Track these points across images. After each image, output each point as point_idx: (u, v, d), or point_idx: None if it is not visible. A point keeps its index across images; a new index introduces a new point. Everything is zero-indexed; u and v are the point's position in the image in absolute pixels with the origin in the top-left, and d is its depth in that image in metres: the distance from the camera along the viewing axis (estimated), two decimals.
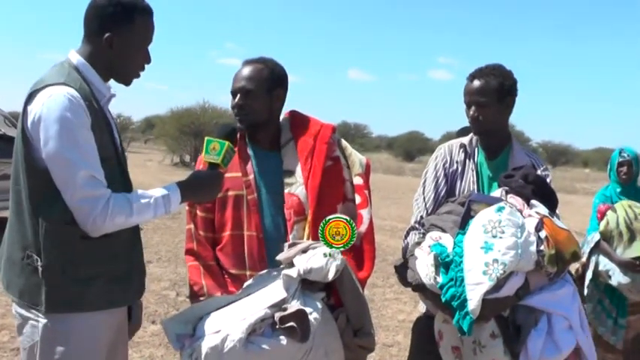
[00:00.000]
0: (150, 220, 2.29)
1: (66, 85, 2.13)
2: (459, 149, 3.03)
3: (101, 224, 2.11)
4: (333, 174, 2.68)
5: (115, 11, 2.23)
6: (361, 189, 2.71)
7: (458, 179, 2.98)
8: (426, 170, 3.06)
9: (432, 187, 2.97)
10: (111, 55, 2.26)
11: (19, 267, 2.21)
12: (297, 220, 2.59)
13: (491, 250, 2.28)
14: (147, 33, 2.32)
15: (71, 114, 2.07)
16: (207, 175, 2.39)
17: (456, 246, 2.39)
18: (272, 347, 2.25)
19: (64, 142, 2.06)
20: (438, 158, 3.03)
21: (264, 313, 2.31)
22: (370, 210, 2.69)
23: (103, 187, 2.12)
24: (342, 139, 2.83)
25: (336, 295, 2.47)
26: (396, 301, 6.96)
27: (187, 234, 2.73)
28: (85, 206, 2.09)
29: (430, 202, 2.94)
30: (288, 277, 2.36)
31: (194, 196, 2.39)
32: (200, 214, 2.69)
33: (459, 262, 2.33)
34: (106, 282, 2.22)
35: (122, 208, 2.13)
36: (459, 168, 2.99)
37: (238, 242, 2.61)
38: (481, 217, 2.41)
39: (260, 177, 2.67)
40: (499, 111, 2.90)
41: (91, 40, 2.28)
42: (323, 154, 2.65)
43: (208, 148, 2.39)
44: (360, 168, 2.75)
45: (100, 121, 2.21)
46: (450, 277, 2.34)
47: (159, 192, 2.24)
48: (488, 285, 2.24)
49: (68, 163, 2.07)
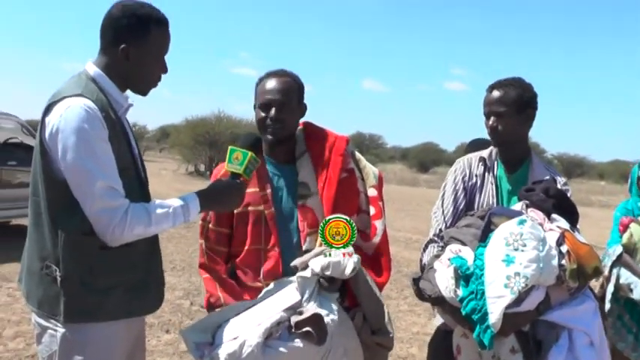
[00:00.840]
0: (168, 229, 2.28)
1: (83, 97, 2.14)
2: (478, 162, 3.02)
3: (120, 234, 2.11)
4: (348, 186, 2.68)
5: (129, 22, 2.24)
6: (375, 200, 2.71)
7: (477, 193, 2.97)
8: (444, 183, 3.04)
9: (450, 201, 2.96)
10: (127, 66, 2.27)
11: (37, 277, 2.22)
12: (311, 232, 2.59)
13: (513, 263, 2.26)
14: (163, 43, 2.32)
15: (88, 125, 2.08)
16: (227, 184, 2.39)
17: (477, 259, 2.37)
18: (289, 350, 2.26)
19: (81, 154, 2.07)
20: (457, 171, 3.02)
21: (279, 316, 2.32)
22: (384, 221, 2.70)
23: (121, 198, 2.12)
24: (356, 151, 2.83)
25: (351, 296, 2.49)
26: (411, 313, 6.91)
27: (200, 248, 2.75)
28: (103, 217, 2.09)
29: (449, 215, 2.93)
30: (303, 279, 2.37)
31: (213, 205, 2.39)
32: (213, 228, 2.69)
33: (479, 275, 2.31)
34: (124, 292, 2.23)
35: (141, 219, 2.14)
36: (478, 181, 2.98)
37: (257, 257, 2.61)
38: (502, 229, 2.39)
39: (277, 191, 2.67)
40: (518, 122, 2.88)
41: (107, 52, 2.29)
42: (338, 166, 2.65)
43: (231, 157, 2.39)
44: (374, 179, 2.75)
45: (118, 131, 2.22)
46: (470, 290, 2.32)
47: (177, 202, 2.24)
48: (509, 298, 2.22)
49: (86, 174, 2.07)
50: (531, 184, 2.73)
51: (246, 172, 2.38)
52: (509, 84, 2.90)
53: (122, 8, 2.26)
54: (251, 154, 2.38)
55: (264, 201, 2.63)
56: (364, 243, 2.65)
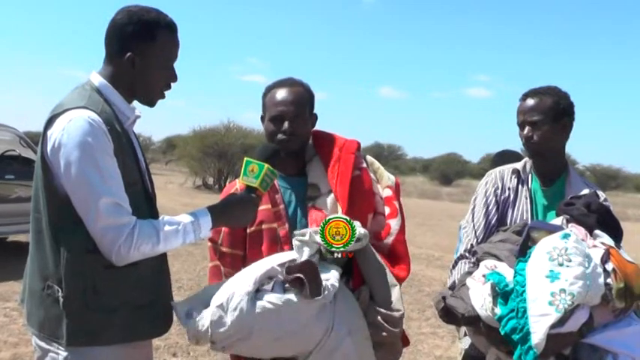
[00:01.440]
0: (178, 247, 2.29)
1: (86, 109, 2.14)
2: (511, 175, 3.02)
3: (126, 253, 2.11)
4: (362, 183, 2.67)
5: (135, 29, 2.24)
6: (390, 200, 2.71)
7: (510, 207, 2.96)
8: (474, 196, 3.05)
9: (481, 215, 2.96)
10: (133, 76, 2.27)
11: (39, 298, 2.22)
12: None
13: (558, 279, 2.23)
14: (171, 51, 2.32)
15: (92, 139, 2.08)
16: (241, 198, 2.39)
17: (518, 274, 2.34)
18: (282, 303, 2.24)
19: (84, 169, 2.07)
20: (489, 184, 3.03)
21: (271, 267, 2.32)
22: (399, 221, 2.69)
23: (127, 215, 2.13)
24: (369, 156, 2.84)
25: (357, 277, 2.48)
26: (433, 335, 6.89)
27: (213, 271, 2.72)
28: (108, 235, 2.09)
29: (480, 230, 2.93)
30: (301, 242, 2.38)
31: (226, 221, 2.39)
32: (227, 250, 2.68)
33: (520, 292, 2.28)
34: (130, 313, 2.22)
35: (148, 236, 2.13)
36: (511, 195, 2.98)
37: None
38: (545, 244, 2.37)
39: (290, 206, 2.67)
40: (554, 131, 2.89)
41: (112, 61, 2.29)
42: (350, 163, 2.65)
43: (247, 170, 2.39)
44: (389, 180, 2.76)
45: (124, 144, 2.22)
46: (510, 307, 2.29)
47: (187, 218, 2.24)
48: (555, 317, 2.18)
49: (90, 190, 2.08)
50: (571, 199, 2.72)
51: (263, 185, 2.38)
52: (544, 92, 2.91)
53: (127, 14, 2.26)
54: (267, 167, 2.38)
55: (277, 218, 2.63)
56: (377, 242, 2.63)
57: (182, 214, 2.29)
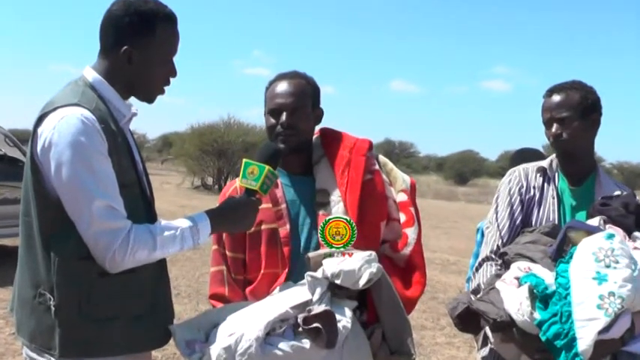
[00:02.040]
0: (176, 253, 2.28)
1: (79, 107, 2.14)
2: (536, 173, 3.03)
3: (121, 260, 2.11)
4: (374, 188, 2.67)
5: (132, 21, 2.24)
6: (406, 206, 2.71)
7: (535, 207, 2.97)
8: (496, 196, 3.06)
9: (505, 215, 2.97)
10: (130, 71, 2.27)
11: (30, 306, 2.21)
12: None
13: (606, 282, 2.23)
14: (170, 44, 2.32)
15: (85, 138, 2.08)
16: (241, 202, 2.39)
17: (560, 276, 2.34)
18: (293, 350, 2.23)
19: (77, 170, 2.07)
20: (512, 182, 3.03)
21: (285, 311, 2.29)
22: (417, 229, 2.68)
23: (122, 219, 2.13)
24: (382, 156, 2.84)
25: (372, 310, 2.45)
26: (449, 345, 6.89)
27: (216, 277, 2.71)
28: (102, 240, 2.10)
29: (505, 230, 2.94)
30: (313, 279, 2.35)
31: (226, 226, 2.39)
32: (229, 254, 2.69)
33: (564, 295, 2.28)
34: (126, 323, 2.22)
35: (144, 242, 2.14)
36: (536, 194, 2.98)
37: (272, 282, 2.59)
38: (589, 244, 2.37)
39: (292, 206, 2.67)
40: (583, 127, 2.89)
41: (107, 55, 2.29)
42: (361, 167, 2.65)
43: (246, 172, 2.39)
44: (403, 184, 2.75)
45: (119, 144, 2.22)
46: (552, 311, 2.28)
47: (186, 222, 2.24)
48: (604, 321, 2.17)
49: (82, 193, 2.08)
50: (603, 199, 2.73)
51: (263, 188, 2.38)
52: (569, 87, 2.92)
53: (124, 4, 2.25)
54: (268, 168, 2.38)
55: (278, 217, 2.63)
56: (394, 254, 2.64)
57: (180, 218, 2.29)
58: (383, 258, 2.56)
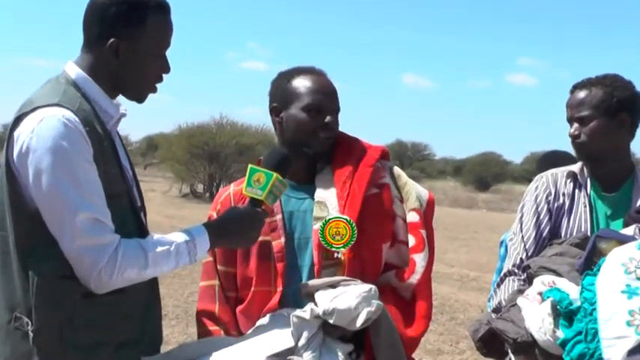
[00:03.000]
0: (170, 271, 2.27)
1: (61, 107, 2.13)
2: (565, 179, 3.05)
3: (108, 279, 2.10)
4: (378, 204, 2.66)
5: (119, 10, 2.23)
6: (416, 228, 2.67)
7: (565, 216, 2.99)
8: (522, 204, 3.08)
9: (531, 225, 2.98)
10: (118, 66, 2.27)
11: (4, 332, 2.19)
12: (327, 265, 2.56)
13: (637, 295, 2.22)
14: (163, 35, 2.32)
15: (67, 143, 2.07)
16: (245, 213, 2.38)
17: (585, 290, 2.34)
18: None
19: (58, 178, 2.06)
20: (539, 189, 3.06)
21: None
22: (427, 256, 2.65)
23: (109, 233, 2.12)
24: (397, 167, 2.81)
25: (369, 353, 2.43)
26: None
27: (207, 292, 2.70)
28: (87, 257, 2.08)
29: (530, 242, 2.96)
30: (300, 320, 2.34)
31: (227, 240, 2.37)
32: (220, 267, 2.68)
33: (589, 311, 2.27)
34: (114, 350, 2.21)
35: (135, 259, 2.12)
36: (566, 202, 3.00)
37: (264, 301, 2.58)
38: (619, 254, 2.36)
39: (290, 218, 2.66)
40: (607, 128, 2.90)
41: (92, 48, 2.29)
42: (365, 179, 2.63)
43: (251, 180, 2.38)
44: (416, 202, 2.71)
45: (106, 149, 2.22)
46: (576, 329, 2.28)
47: (181, 237, 2.23)
48: (634, 340, 2.15)
49: (64, 204, 2.07)
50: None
51: (270, 198, 2.38)
52: (597, 82, 2.94)
53: None
54: (276, 176, 2.37)
55: (272, 229, 2.61)
56: (399, 283, 2.62)
57: (174, 232, 2.28)
58: (386, 289, 2.56)
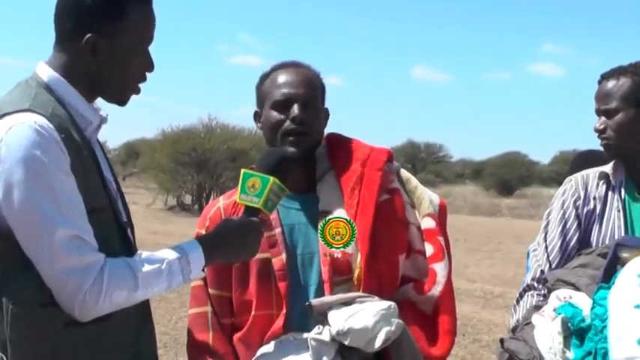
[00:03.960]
0: (162, 292, 2.27)
1: (32, 112, 2.11)
2: (597, 181, 3.07)
3: (94, 304, 2.08)
4: (391, 211, 2.67)
5: (96, 2, 2.21)
6: (433, 235, 2.70)
7: (596, 222, 3.00)
8: (548, 210, 3.10)
9: (557, 233, 3.01)
10: (96, 65, 2.26)
11: None
12: (339, 282, 2.57)
13: None
14: (145, 29, 2.32)
15: (41, 152, 2.05)
16: (241, 224, 2.37)
17: (596, 305, 2.36)
18: None
19: (32, 192, 2.04)
20: (567, 193, 3.08)
21: None
22: (447, 264, 2.67)
23: (92, 252, 2.10)
24: (404, 170, 2.84)
25: None
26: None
27: (198, 320, 2.69)
28: (69, 280, 2.06)
29: (555, 252, 2.98)
30: (318, 343, 2.34)
31: (224, 255, 2.37)
32: (212, 291, 2.67)
33: (600, 328, 2.29)
34: None
35: (123, 280, 2.11)
36: (597, 207, 3.02)
37: (266, 326, 2.58)
38: (635, 265, 2.39)
39: (291, 231, 2.67)
40: (635, 122, 2.93)
41: (65, 46, 2.27)
42: (376, 184, 2.64)
43: (245, 186, 2.37)
44: (430, 207, 2.74)
45: (85, 158, 2.21)
46: (586, 349, 2.30)
47: (172, 253, 2.22)
48: None
49: (41, 221, 2.05)
50: None
51: (267, 205, 2.37)
52: (626, 71, 2.96)
53: None
54: (273, 181, 2.36)
55: (272, 245, 2.61)
56: (419, 296, 2.62)
57: (164, 248, 2.27)
58: (404, 304, 2.57)
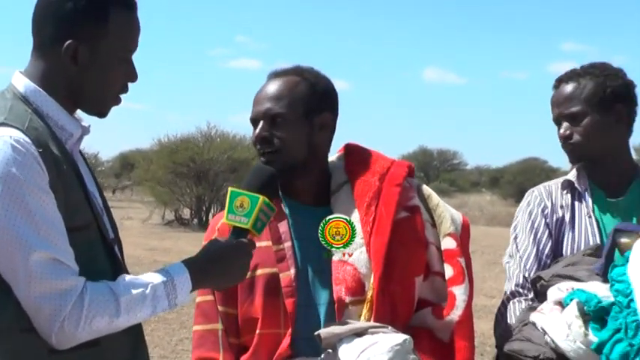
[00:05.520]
0: (146, 319, 2.25)
1: (7, 126, 2.10)
2: (560, 190, 3.14)
3: (73, 331, 2.06)
4: (409, 230, 2.67)
5: (77, 7, 2.21)
6: (453, 256, 2.68)
7: (567, 231, 3.06)
8: (514, 224, 3.20)
9: (529, 243, 3.07)
10: (75, 73, 2.25)
11: None
12: (352, 302, 2.56)
13: None
14: (128, 36, 2.31)
15: (17, 169, 2.04)
16: (227, 246, 2.35)
17: (616, 282, 2.43)
18: None
19: (7, 212, 2.03)
20: (533, 204, 3.16)
21: None
22: (468, 288, 2.66)
23: (71, 275, 2.09)
24: (426, 186, 2.84)
25: None
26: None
27: (208, 338, 2.69)
28: (45, 305, 2.05)
29: (531, 261, 3.03)
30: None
31: (211, 279, 2.35)
32: (220, 308, 2.68)
33: (626, 303, 2.34)
34: None
35: (104, 305, 2.09)
36: (566, 215, 3.08)
37: (273, 347, 2.57)
38: None
39: (300, 246, 2.67)
40: (602, 125, 3.00)
41: (44, 53, 2.26)
42: (394, 200, 2.64)
43: (233, 206, 2.35)
44: (451, 226, 2.72)
45: (65, 172, 2.19)
46: (613, 327, 2.34)
47: (158, 277, 2.20)
48: None
49: (16, 243, 2.04)
50: None
51: (257, 226, 2.35)
52: (584, 72, 3.03)
53: None
54: (262, 200, 2.35)
55: (280, 259, 2.62)
56: (437, 321, 2.62)
57: (149, 272, 2.26)
58: (421, 333, 2.56)
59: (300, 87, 2.70)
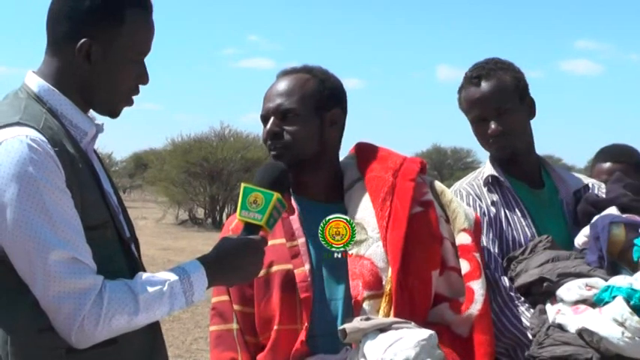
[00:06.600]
0: (164, 316, 2.25)
1: (23, 126, 2.10)
2: (485, 186, 3.14)
3: (92, 330, 2.06)
4: (424, 225, 2.68)
5: (94, 5, 2.21)
6: (469, 251, 2.69)
7: (504, 226, 3.06)
8: None
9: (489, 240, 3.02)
10: (89, 72, 2.25)
11: None
12: (369, 296, 2.57)
13: None
14: (142, 38, 2.32)
15: (34, 168, 2.04)
16: (241, 243, 2.35)
17: None
18: None
19: (25, 212, 2.03)
20: (471, 207, 3.08)
21: None
22: (485, 282, 2.67)
23: (90, 274, 2.09)
24: (438, 182, 2.85)
25: None
26: None
27: (225, 338, 2.70)
28: (65, 305, 2.05)
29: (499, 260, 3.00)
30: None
31: (226, 276, 2.35)
32: (236, 307, 2.68)
33: None
34: None
35: (123, 303, 2.09)
36: (499, 211, 3.08)
37: (291, 343, 2.57)
38: None
39: (315, 242, 2.67)
40: (526, 117, 3.11)
41: (58, 51, 2.27)
42: (409, 195, 2.65)
43: (246, 202, 2.36)
44: (466, 222, 2.73)
45: (81, 171, 2.19)
46: None
47: (173, 275, 2.20)
48: None
49: (34, 243, 2.03)
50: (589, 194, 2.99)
51: (270, 223, 2.35)
52: (497, 67, 3.08)
53: None
54: (276, 196, 2.35)
55: (294, 255, 2.63)
56: (455, 316, 2.63)
57: (164, 270, 2.26)
58: (440, 329, 2.54)
59: (310, 83, 2.73)
